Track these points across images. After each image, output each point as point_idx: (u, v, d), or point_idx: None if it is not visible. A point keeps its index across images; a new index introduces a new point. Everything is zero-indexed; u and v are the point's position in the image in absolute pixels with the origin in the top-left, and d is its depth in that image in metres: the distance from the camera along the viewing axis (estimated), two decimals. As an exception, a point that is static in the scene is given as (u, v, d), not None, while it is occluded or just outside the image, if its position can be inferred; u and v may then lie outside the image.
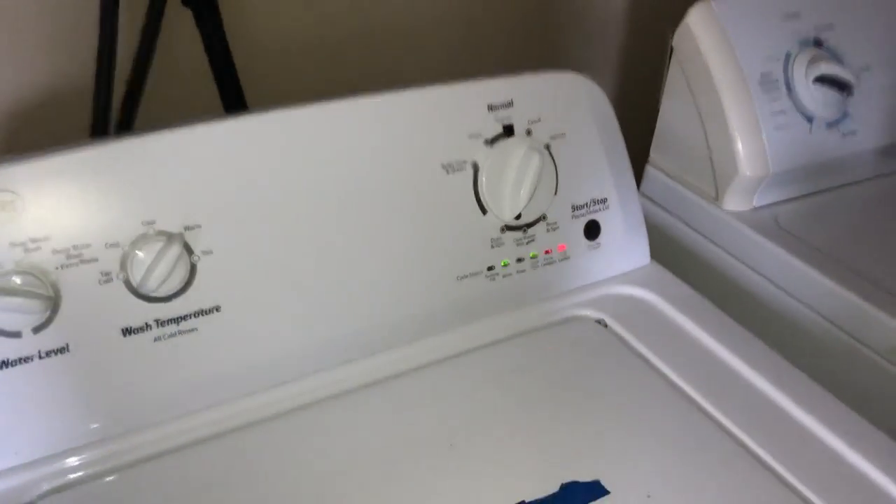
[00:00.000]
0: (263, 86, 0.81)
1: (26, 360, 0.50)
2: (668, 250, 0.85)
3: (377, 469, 0.52)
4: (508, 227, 0.64)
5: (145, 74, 0.73)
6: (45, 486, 0.50)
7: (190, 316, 0.54)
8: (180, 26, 0.75)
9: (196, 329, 0.54)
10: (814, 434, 0.56)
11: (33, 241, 0.49)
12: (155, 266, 0.51)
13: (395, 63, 0.90)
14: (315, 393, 0.57)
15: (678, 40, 0.80)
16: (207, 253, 0.54)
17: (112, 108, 0.71)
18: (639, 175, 0.89)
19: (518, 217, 0.64)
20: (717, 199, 0.80)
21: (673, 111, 0.84)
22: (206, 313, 0.54)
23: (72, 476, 0.51)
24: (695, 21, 0.78)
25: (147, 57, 0.72)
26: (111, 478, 0.51)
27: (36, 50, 0.74)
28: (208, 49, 0.74)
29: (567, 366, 0.62)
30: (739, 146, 0.77)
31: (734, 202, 0.79)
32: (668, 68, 1.10)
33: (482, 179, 0.62)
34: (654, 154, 0.88)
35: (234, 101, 0.77)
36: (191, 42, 0.76)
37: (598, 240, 0.69)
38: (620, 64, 1.09)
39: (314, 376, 0.58)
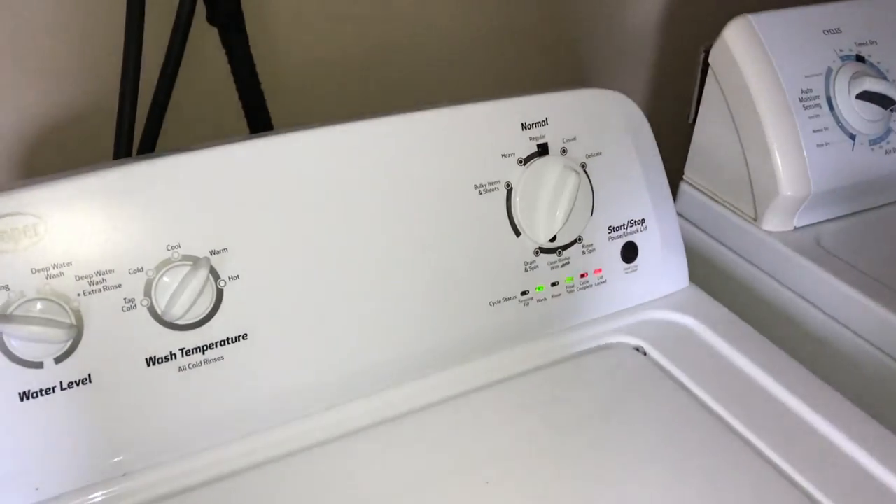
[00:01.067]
0: (289, 105, 0.79)
1: (48, 391, 0.48)
2: (703, 272, 0.83)
3: (409, 504, 0.49)
4: (543, 250, 0.62)
5: (169, 94, 0.71)
6: (67, 522, 0.48)
7: (216, 344, 0.52)
8: (205, 45, 0.74)
9: (222, 358, 0.52)
10: (862, 466, 0.53)
11: (55, 266, 0.47)
12: (180, 292, 0.49)
13: (422, 82, 0.89)
14: (344, 425, 0.55)
15: (715, 56, 0.78)
16: (234, 278, 0.52)
17: (135, 129, 0.69)
18: (672, 193, 0.86)
19: (553, 239, 0.62)
20: (755, 219, 0.77)
21: (709, 128, 0.81)
22: (233, 341, 0.52)
23: (94, 512, 0.49)
24: (733, 36, 0.75)
25: (171, 76, 0.71)
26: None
27: (59, 71, 0.72)
28: (234, 68, 0.73)
29: (605, 395, 0.59)
30: (780, 165, 0.74)
31: (774, 222, 0.76)
32: (698, 84, 1.08)
33: (516, 200, 0.60)
34: (688, 172, 0.85)
35: (259, 120, 0.76)
36: (216, 61, 0.74)
37: (635, 262, 0.66)
38: (652, 80, 1.07)
39: (343, 407, 0.56)
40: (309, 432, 0.54)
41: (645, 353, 0.64)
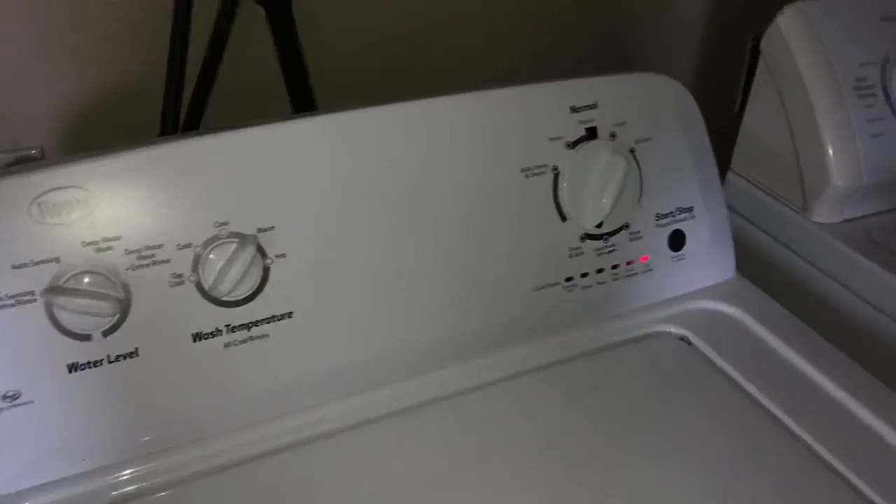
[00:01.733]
0: (334, 86, 0.79)
1: (96, 363, 0.48)
2: (750, 263, 0.81)
3: (446, 490, 0.49)
4: (589, 236, 0.61)
5: (215, 73, 0.71)
6: (112, 494, 0.49)
7: (261, 321, 0.52)
8: (252, 25, 0.74)
9: (267, 335, 0.52)
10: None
11: (105, 240, 0.48)
12: (228, 269, 0.49)
13: (469, 63, 0.88)
14: (384, 406, 0.55)
15: (767, 43, 0.76)
16: (281, 256, 0.52)
17: (181, 107, 0.69)
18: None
19: (599, 225, 0.61)
20: (804, 209, 0.76)
21: (759, 116, 0.79)
22: (278, 319, 0.52)
23: (138, 485, 0.49)
24: (786, 23, 0.74)
25: (217, 55, 0.71)
26: (178, 489, 0.49)
27: (106, 48, 0.73)
28: (279, 47, 0.73)
29: (648, 385, 0.58)
30: (831, 155, 0.72)
31: (823, 214, 0.75)
32: (745, 72, 1.06)
33: (563, 184, 0.59)
34: (736, 162, 0.84)
35: (303, 100, 0.76)
36: (261, 41, 0.74)
37: (682, 251, 0.65)
38: (696, 68, 1.05)
39: (384, 388, 0.55)
40: (348, 413, 0.54)
41: (690, 343, 0.63)
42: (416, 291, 0.56)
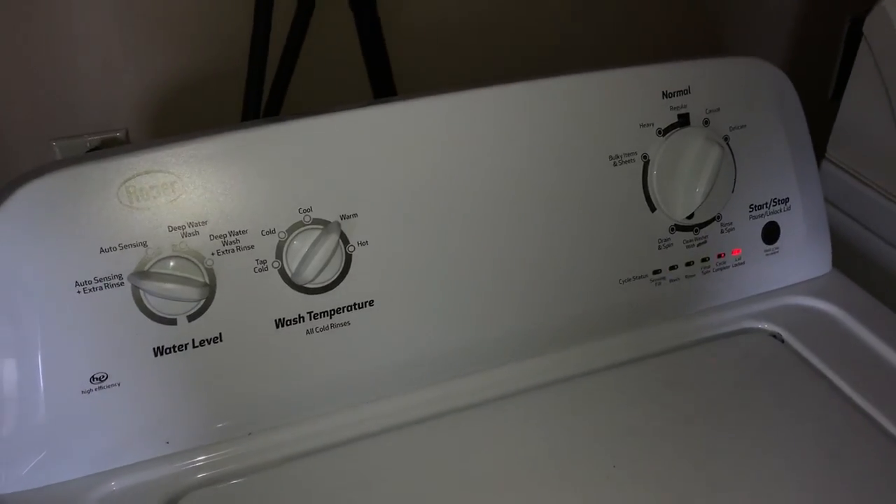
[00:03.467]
0: (414, 73, 0.78)
1: (181, 347, 0.48)
2: (846, 258, 0.77)
3: (527, 488, 0.48)
4: (678, 227, 0.59)
5: (296, 58, 0.71)
6: (197, 477, 0.49)
7: (343, 309, 0.51)
8: (334, 9, 0.73)
9: (348, 323, 0.51)
10: None
11: (191, 225, 0.48)
12: (311, 255, 0.49)
13: (553, 47, 0.86)
14: (465, 398, 0.54)
15: (870, 26, 0.72)
16: (363, 244, 0.51)
17: (263, 92, 0.69)
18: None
19: (690, 216, 0.58)
20: (907, 202, 0.71)
21: (859, 103, 0.75)
22: (360, 307, 0.51)
23: (221, 469, 0.49)
24: (892, 4, 0.69)
25: (299, 40, 0.70)
26: (259, 474, 0.49)
27: (191, 32, 0.73)
28: (361, 33, 0.72)
29: (737, 383, 0.56)
30: (939, 144, 0.68)
31: (929, 207, 0.70)
32: (841, 55, 1.01)
33: (653, 173, 0.57)
34: (832, 150, 0.79)
35: (384, 87, 0.75)
36: (342, 25, 0.74)
37: (776, 244, 0.62)
38: (789, 49, 1.01)
39: (465, 379, 0.54)
40: (429, 403, 0.53)
41: (783, 341, 0.60)
42: (497, 282, 0.55)
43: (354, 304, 0.51)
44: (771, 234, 0.62)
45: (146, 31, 0.73)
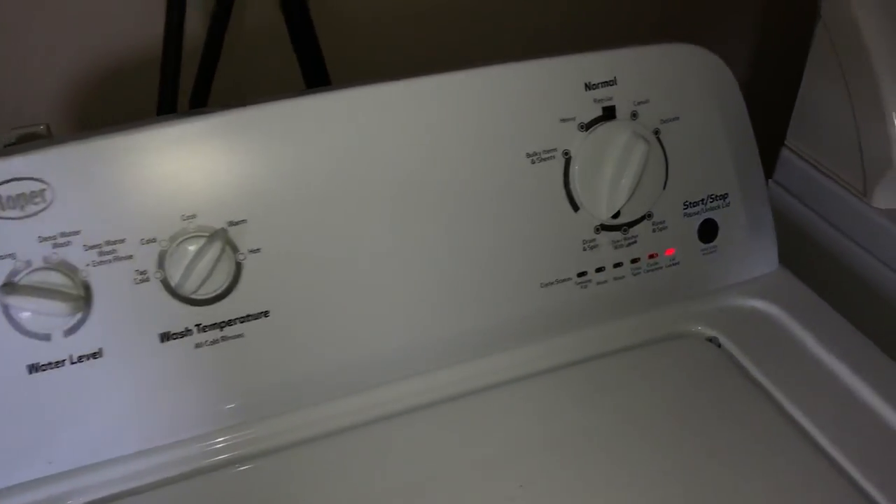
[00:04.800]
0: (345, 60, 0.75)
1: (57, 364, 0.46)
2: (802, 250, 0.74)
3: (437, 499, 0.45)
4: (605, 227, 0.55)
5: (219, 47, 0.68)
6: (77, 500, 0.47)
7: (235, 321, 0.48)
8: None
9: (242, 335, 0.48)
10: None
11: (63, 235, 0.45)
12: (195, 265, 0.46)
13: (484, 38, 0.82)
14: (371, 411, 0.51)
15: (827, 5, 0.68)
16: (254, 252, 0.48)
17: (179, 84, 0.66)
18: (773, 159, 0.77)
19: (617, 215, 0.55)
20: (864, 193, 0.68)
21: (816, 88, 0.71)
22: (254, 318, 0.49)
23: (100, 494, 0.47)
24: (847, -19, 0.65)
25: (221, 28, 0.67)
26: (145, 494, 0.47)
27: (102, 19, 0.70)
28: (289, 21, 0.69)
29: (665, 392, 0.53)
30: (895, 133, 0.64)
31: (886, 199, 0.67)
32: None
33: (574, 170, 0.54)
34: (791, 137, 0.76)
35: (316, 76, 0.71)
36: (270, 13, 0.70)
37: (714, 242, 0.59)
38: (755, 33, 0.96)
39: (367, 394, 0.52)
40: (332, 418, 0.50)
41: (720, 345, 0.57)
42: (408, 288, 0.52)
43: (248, 316, 0.48)
44: (708, 232, 0.58)
45: (68, 18, 0.70)
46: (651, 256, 0.57)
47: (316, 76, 0.71)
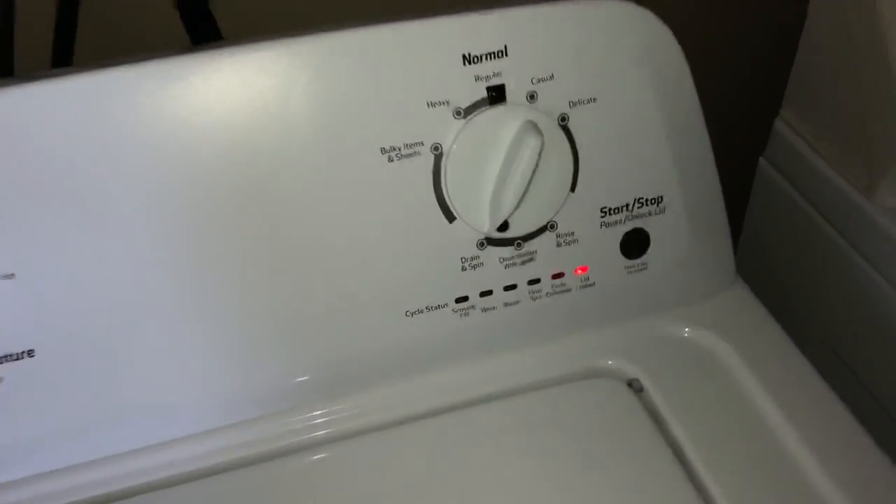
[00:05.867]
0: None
1: None
2: (789, 242, 0.60)
3: None
4: (491, 242, 0.43)
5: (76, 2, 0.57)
6: None
7: (-10, 362, 0.39)
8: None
9: (1, 378, 0.39)
10: None
11: None
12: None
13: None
14: (167, 469, 0.41)
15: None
16: (8, 277, 0.38)
17: (15, 43, 0.55)
18: (764, 132, 0.63)
19: (504, 227, 0.43)
20: (868, 188, 0.53)
21: (816, 56, 0.56)
22: (14, 359, 0.39)
23: None
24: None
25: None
26: None
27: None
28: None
29: (563, 450, 0.42)
30: (910, 113, 0.49)
31: (892, 196, 0.52)
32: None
33: (446, 170, 0.41)
34: (786, 109, 0.61)
35: (202, 30, 0.60)
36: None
37: (643, 258, 0.46)
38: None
39: (170, 447, 0.42)
40: (114, 480, 0.41)
41: (641, 390, 0.45)
42: (224, 321, 0.41)
43: (5, 357, 0.39)
44: (635, 244, 0.46)
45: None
46: (556, 276, 0.45)
47: (202, 30, 0.60)
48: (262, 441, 0.42)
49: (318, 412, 0.43)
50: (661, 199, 0.45)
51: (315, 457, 0.42)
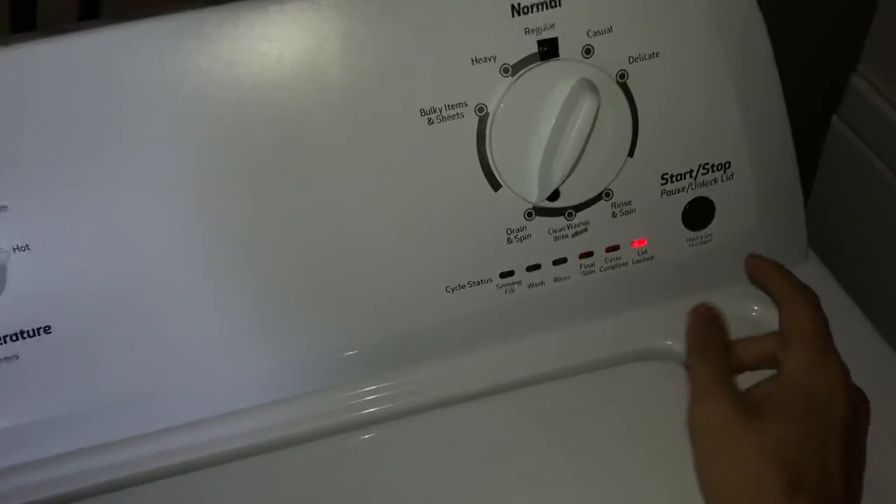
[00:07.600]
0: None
1: None
2: (863, 204, 0.56)
3: None
4: (539, 211, 0.40)
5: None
6: None
7: (6, 339, 0.36)
8: None
9: (17, 357, 0.37)
10: None
11: None
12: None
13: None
14: (202, 451, 0.39)
15: None
16: (21, 249, 0.35)
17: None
18: (838, 89, 0.58)
19: (554, 196, 0.39)
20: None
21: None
22: (30, 336, 0.37)
23: None
24: None
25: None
26: None
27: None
28: None
29: (609, 435, 0.39)
30: None
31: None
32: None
33: (492, 134, 0.38)
34: (865, 64, 0.56)
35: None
36: None
37: (707, 229, 0.42)
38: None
39: (195, 431, 0.39)
40: (135, 462, 0.39)
41: (702, 372, 0.41)
42: (250, 296, 0.38)
43: (21, 333, 0.36)
44: (698, 215, 0.42)
45: None
46: (611, 249, 0.41)
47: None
48: (305, 420, 0.40)
49: (364, 390, 0.41)
50: (729, 165, 0.41)
51: (362, 437, 0.40)
